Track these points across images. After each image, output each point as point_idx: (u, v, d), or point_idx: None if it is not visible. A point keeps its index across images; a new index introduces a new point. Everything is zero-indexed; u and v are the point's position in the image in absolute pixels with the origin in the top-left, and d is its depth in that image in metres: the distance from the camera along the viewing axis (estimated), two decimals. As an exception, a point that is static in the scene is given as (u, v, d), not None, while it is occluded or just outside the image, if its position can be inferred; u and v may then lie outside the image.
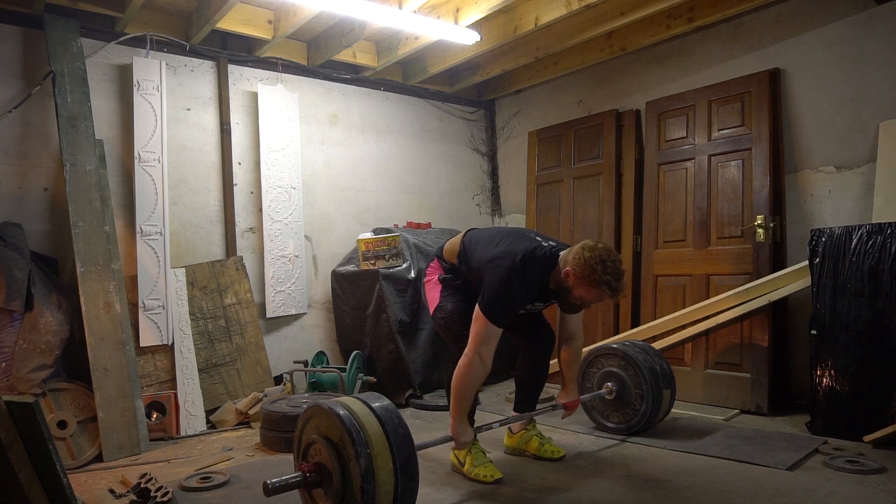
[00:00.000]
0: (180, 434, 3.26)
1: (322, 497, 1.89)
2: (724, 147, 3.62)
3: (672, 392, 2.94)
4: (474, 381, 2.28)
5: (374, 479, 1.74)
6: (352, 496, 1.78)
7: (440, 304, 2.56)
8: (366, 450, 1.75)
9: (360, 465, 1.73)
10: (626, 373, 2.90)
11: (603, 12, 3.59)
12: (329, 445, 1.83)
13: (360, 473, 1.73)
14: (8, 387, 2.70)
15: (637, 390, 2.86)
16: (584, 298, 2.25)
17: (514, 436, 2.75)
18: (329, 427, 1.86)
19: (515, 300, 2.30)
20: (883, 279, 2.72)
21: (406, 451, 1.83)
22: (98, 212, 3.10)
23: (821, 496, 2.13)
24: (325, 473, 1.85)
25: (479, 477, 2.34)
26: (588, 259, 2.15)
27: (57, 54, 3.15)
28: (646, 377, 2.81)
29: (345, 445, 1.79)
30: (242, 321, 3.70)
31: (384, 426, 1.83)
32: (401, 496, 1.80)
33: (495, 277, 2.26)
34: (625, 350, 2.93)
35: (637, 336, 3.81)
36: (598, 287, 2.16)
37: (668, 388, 2.91)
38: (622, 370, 2.92)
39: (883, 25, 3.15)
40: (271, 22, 3.73)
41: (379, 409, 1.88)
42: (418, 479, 1.87)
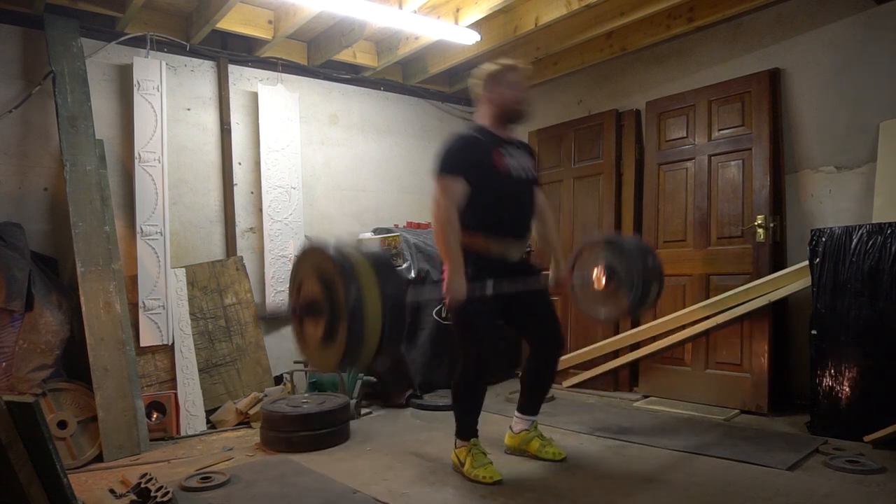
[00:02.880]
0: (180, 434, 3.26)
1: (311, 329, 1.91)
2: (724, 147, 3.62)
3: (660, 286, 2.86)
4: (447, 218, 2.30)
5: (362, 319, 1.75)
6: (337, 331, 1.78)
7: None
8: (356, 289, 1.76)
9: (348, 303, 1.73)
10: (617, 262, 2.81)
11: (603, 12, 3.59)
12: (320, 281, 1.84)
13: (347, 308, 1.73)
14: (8, 387, 2.70)
15: (627, 278, 2.79)
16: (510, 94, 2.45)
17: (515, 436, 2.74)
18: (322, 264, 1.87)
19: (468, 146, 2.38)
20: (883, 279, 2.72)
21: (396, 297, 1.84)
22: (98, 212, 3.09)
23: (821, 496, 2.13)
24: (315, 307, 1.86)
25: (479, 478, 2.34)
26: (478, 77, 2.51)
27: (57, 54, 3.15)
28: (637, 267, 2.73)
29: (335, 282, 1.79)
30: (242, 321, 3.70)
31: (376, 268, 1.83)
32: (388, 337, 1.81)
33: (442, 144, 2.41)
34: (618, 241, 2.88)
35: (637, 336, 3.82)
36: (501, 75, 2.44)
37: (657, 281, 2.83)
38: (614, 260, 2.83)
39: (883, 25, 3.15)
40: (271, 22, 3.73)
41: (371, 255, 1.89)
42: (405, 326, 1.89)
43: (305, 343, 1.97)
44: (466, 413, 2.51)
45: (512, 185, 2.46)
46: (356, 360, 1.84)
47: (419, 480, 2.43)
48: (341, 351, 1.79)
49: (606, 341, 3.98)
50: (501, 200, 2.43)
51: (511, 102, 2.46)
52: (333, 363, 1.86)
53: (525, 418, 2.73)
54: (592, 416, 3.32)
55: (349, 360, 1.83)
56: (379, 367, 1.91)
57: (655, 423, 3.16)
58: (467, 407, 2.51)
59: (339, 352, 1.80)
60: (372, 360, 1.87)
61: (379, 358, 1.88)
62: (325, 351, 1.87)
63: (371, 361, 1.89)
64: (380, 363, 1.93)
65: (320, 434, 2.88)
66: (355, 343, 1.77)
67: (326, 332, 1.82)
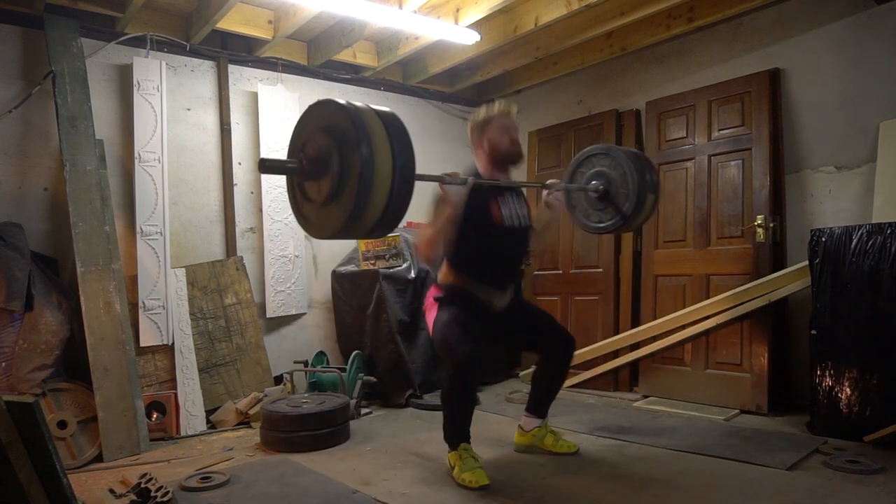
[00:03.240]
0: (180, 434, 3.26)
1: (315, 189, 1.85)
2: (724, 147, 3.62)
3: (655, 198, 2.87)
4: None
5: (374, 168, 1.70)
6: (348, 181, 1.73)
7: (437, 317, 2.49)
8: (367, 137, 1.71)
9: (361, 150, 1.68)
10: (614, 172, 2.82)
11: (603, 12, 3.59)
12: (329, 134, 1.79)
13: (359, 160, 1.68)
14: (8, 387, 2.70)
15: (623, 190, 2.78)
16: (499, 138, 2.50)
17: (526, 434, 2.75)
18: (332, 118, 1.82)
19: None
20: (883, 279, 2.71)
21: (406, 156, 1.79)
22: (98, 212, 3.09)
23: (821, 496, 2.13)
24: (323, 162, 1.80)
25: (465, 482, 2.32)
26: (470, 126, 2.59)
27: (57, 54, 3.15)
28: (633, 177, 2.74)
29: (347, 133, 1.74)
30: (242, 321, 3.70)
31: (387, 127, 1.79)
32: (395, 195, 1.77)
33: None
34: (616, 151, 2.87)
35: (637, 336, 3.82)
36: (489, 122, 2.51)
37: (653, 193, 2.85)
38: (611, 170, 2.84)
39: (883, 25, 3.15)
40: (271, 22, 3.73)
41: (383, 113, 1.85)
42: (412, 189, 1.83)
43: (308, 206, 1.90)
44: (454, 421, 2.46)
45: (505, 236, 2.49)
46: (360, 221, 1.76)
47: (419, 480, 2.43)
48: (348, 210, 1.72)
49: (606, 341, 3.98)
50: (493, 252, 2.48)
51: (502, 146, 2.51)
52: (337, 224, 1.78)
53: (532, 419, 2.74)
54: (592, 416, 3.32)
55: (353, 220, 1.74)
56: (376, 235, 1.85)
57: (655, 423, 3.16)
58: (457, 417, 2.46)
59: (344, 211, 1.73)
60: (373, 226, 1.81)
61: (379, 226, 1.82)
62: (328, 211, 1.81)
63: (372, 228, 1.82)
64: (378, 232, 1.87)
65: (320, 434, 2.89)
66: (363, 201, 1.70)
67: (334, 188, 1.76)
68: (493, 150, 2.52)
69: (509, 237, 2.51)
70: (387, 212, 1.79)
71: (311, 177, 1.87)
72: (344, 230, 1.81)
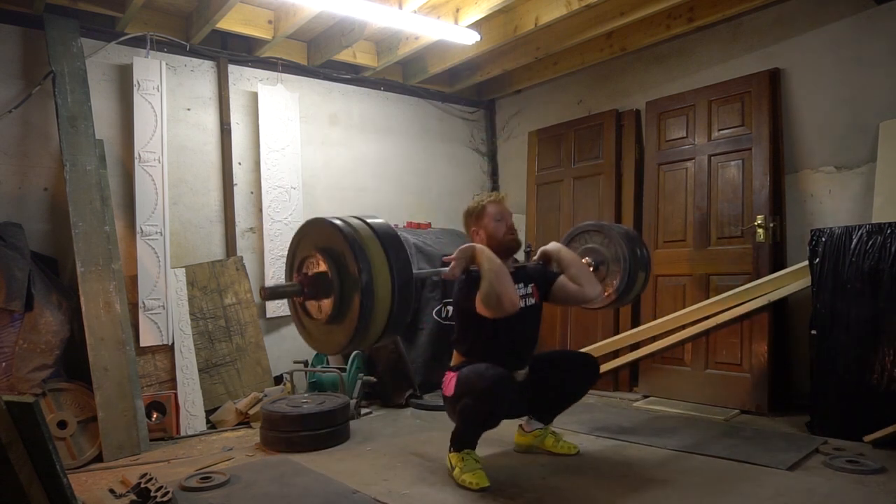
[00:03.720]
0: (180, 434, 3.26)
1: (316, 308, 1.87)
2: (724, 147, 3.62)
3: (646, 276, 2.91)
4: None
5: (374, 294, 1.72)
6: (350, 307, 1.75)
7: (459, 375, 2.36)
8: (367, 265, 1.73)
9: (361, 279, 1.70)
10: (606, 249, 2.87)
11: (603, 12, 3.59)
12: (328, 257, 1.80)
13: (360, 287, 1.70)
14: (8, 387, 2.70)
15: (614, 267, 2.82)
16: (495, 227, 2.50)
17: (526, 435, 2.75)
18: (329, 240, 1.83)
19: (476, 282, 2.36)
20: (883, 279, 2.71)
21: (405, 274, 1.81)
22: (98, 212, 3.09)
23: (821, 496, 2.13)
24: (323, 284, 1.81)
25: (466, 483, 2.31)
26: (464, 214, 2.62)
27: (57, 54, 3.15)
28: (625, 256, 2.78)
29: (346, 257, 1.75)
30: (242, 321, 3.70)
31: (384, 247, 1.81)
32: (396, 315, 1.79)
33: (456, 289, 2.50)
34: (609, 228, 2.92)
35: (637, 336, 3.82)
36: (483, 210, 2.52)
37: (644, 271, 2.88)
38: (603, 247, 2.88)
39: (883, 25, 3.15)
40: (271, 22, 3.73)
41: (379, 228, 1.86)
42: (412, 304, 1.87)
43: (310, 322, 1.92)
44: (469, 434, 2.41)
45: (517, 321, 2.43)
46: (365, 338, 1.78)
47: (419, 480, 2.43)
48: (351, 329, 1.74)
49: (606, 341, 3.98)
50: (504, 338, 2.46)
51: (499, 236, 2.51)
52: (341, 343, 1.81)
53: (538, 423, 2.75)
54: (592, 416, 3.32)
55: (358, 339, 1.76)
56: (382, 344, 1.89)
57: (655, 423, 3.16)
58: (472, 432, 2.41)
59: (348, 330, 1.75)
60: (377, 340, 1.83)
61: (384, 337, 1.85)
62: (332, 330, 1.83)
63: (375, 341, 1.84)
64: (383, 341, 1.90)
65: (320, 434, 2.89)
66: (366, 321, 1.72)
67: (336, 310, 1.77)
68: (490, 240, 2.50)
69: (520, 320, 2.44)
70: (388, 328, 1.82)
71: (311, 297, 1.88)
72: (348, 348, 1.84)
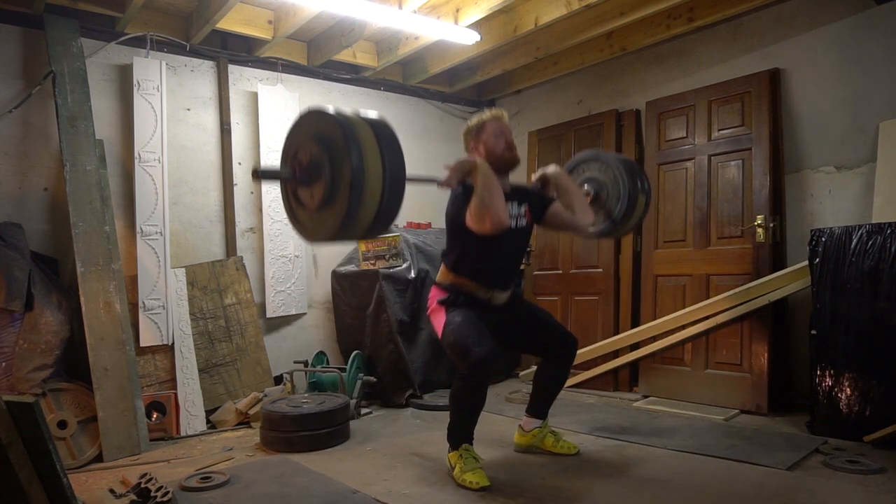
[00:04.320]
0: (180, 434, 3.26)
1: (308, 196, 1.91)
2: (724, 147, 3.62)
3: (647, 201, 2.88)
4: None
5: (364, 177, 1.75)
6: (339, 191, 1.79)
7: (447, 321, 2.45)
8: (358, 147, 1.77)
9: (351, 159, 1.74)
10: (605, 176, 2.85)
11: (603, 12, 3.59)
12: (320, 143, 1.84)
13: (350, 167, 1.74)
14: (8, 387, 2.70)
15: (613, 193, 2.80)
16: (494, 142, 2.49)
17: (526, 434, 2.75)
18: (322, 127, 1.87)
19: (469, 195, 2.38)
20: (883, 279, 2.71)
21: (396, 162, 1.84)
22: (98, 212, 3.10)
23: (821, 496, 2.13)
24: (315, 169, 1.85)
25: (466, 483, 2.32)
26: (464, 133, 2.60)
27: (57, 54, 3.16)
28: (624, 181, 2.77)
29: (337, 141, 1.79)
30: (242, 321, 3.70)
31: (377, 135, 1.84)
32: (386, 201, 1.82)
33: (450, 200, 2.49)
34: (606, 156, 2.90)
35: (637, 336, 3.82)
36: (483, 126, 2.51)
37: (644, 195, 2.86)
38: (602, 174, 2.86)
39: (883, 25, 3.15)
40: (271, 22, 3.73)
41: (372, 121, 1.89)
42: (403, 194, 1.89)
43: (303, 212, 1.96)
44: (463, 423, 2.45)
45: (504, 238, 2.44)
46: (355, 224, 1.82)
47: (419, 480, 2.43)
48: (340, 216, 1.78)
49: (606, 341, 3.98)
50: (491, 254, 2.47)
51: (498, 151, 2.50)
52: (332, 227, 1.84)
53: (535, 419, 2.75)
54: (592, 416, 3.32)
55: (347, 223, 1.80)
56: (370, 237, 1.91)
57: (655, 423, 3.16)
58: (465, 420, 2.45)
59: (337, 216, 1.80)
60: (367, 229, 1.87)
61: (372, 230, 1.88)
62: (322, 218, 1.87)
63: (366, 231, 1.88)
64: (372, 234, 1.93)
65: (320, 434, 2.89)
66: (356, 205, 1.76)
67: (326, 195, 1.82)
68: (489, 155, 2.49)
69: (508, 239, 2.49)
70: (378, 217, 1.84)
71: (303, 183, 1.92)
72: (337, 234, 1.87)
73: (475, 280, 2.51)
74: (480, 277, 2.51)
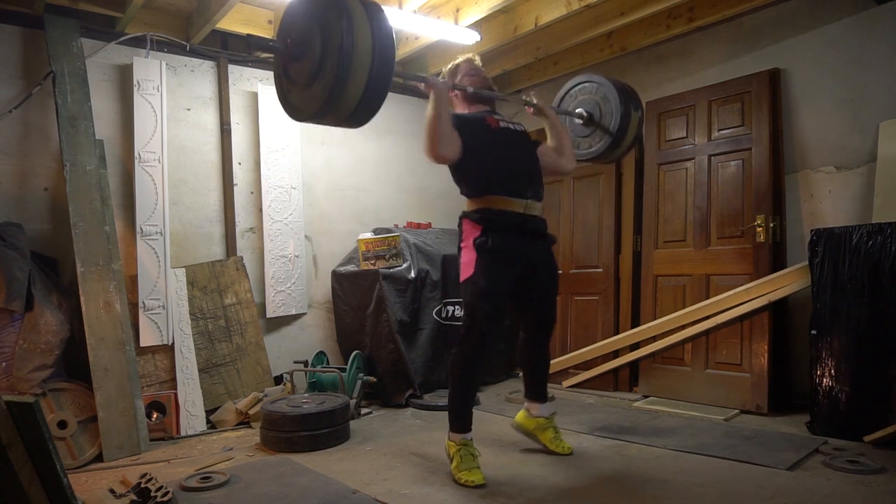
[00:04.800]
0: (180, 434, 3.26)
1: (299, 71, 1.93)
2: (724, 147, 3.62)
3: (641, 115, 2.87)
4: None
5: (354, 42, 1.78)
6: (329, 55, 1.81)
7: (473, 273, 2.40)
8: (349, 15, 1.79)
9: (340, 26, 1.77)
10: (597, 96, 2.87)
11: (603, 12, 3.59)
12: (312, 17, 1.87)
13: (340, 33, 1.76)
14: (8, 387, 2.70)
15: (606, 109, 2.81)
16: (469, 81, 2.62)
17: (531, 418, 2.74)
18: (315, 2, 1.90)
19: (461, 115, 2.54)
20: (883, 279, 2.72)
21: (385, 36, 1.87)
22: (98, 212, 3.10)
23: (821, 496, 2.13)
24: (307, 43, 1.88)
25: (462, 480, 2.33)
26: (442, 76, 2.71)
27: (57, 54, 3.15)
28: (615, 95, 2.79)
29: (329, 13, 1.82)
30: (242, 321, 3.71)
31: (367, 10, 1.86)
32: (375, 74, 1.84)
33: None
34: (595, 75, 2.92)
35: (637, 336, 3.82)
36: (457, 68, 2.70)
37: (637, 110, 2.86)
38: (594, 94, 2.89)
39: (883, 25, 3.15)
40: (271, 22, 3.73)
41: (365, 1, 1.90)
42: (392, 71, 1.92)
43: (293, 89, 1.98)
44: (460, 398, 2.47)
45: (507, 140, 2.54)
46: (341, 99, 1.83)
47: (419, 480, 2.43)
48: (329, 85, 1.80)
49: (606, 341, 3.98)
50: (503, 158, 2.49)
51: (476, 84, 2.62)
52: (321, 98, 1.85)
53: (538, 405, 2.73)
54: (592, 416, 3.32)
55: (334, 98, 1.82)
56: (357, 119, 1.97)
57: (655, 423, 3.16)
58: (462, 391, 2.47)
59: (326, 86, 1.82)
60: (354, 107, 1.88)
61: (360, 108, 1.89)
62: (312, 92, 1.89)
63: (354, 108, 1.89)
64: (359, 115, 1.94)
65: (320, 434, 2.89)
66: (343, 75, 1.78)
67: (315, 65, 1.84)
68: (465, 94, 2.61)
69: (511, 141, 2.55)
70: (367, 91, 1.86)
71: (295, 58, 1.94)
72: (325, 107, 1.87)
73: (504, 192, 2.45)
74: (507, 186, 2.46)
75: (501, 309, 2.43)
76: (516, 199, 2.46)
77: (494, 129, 2.53)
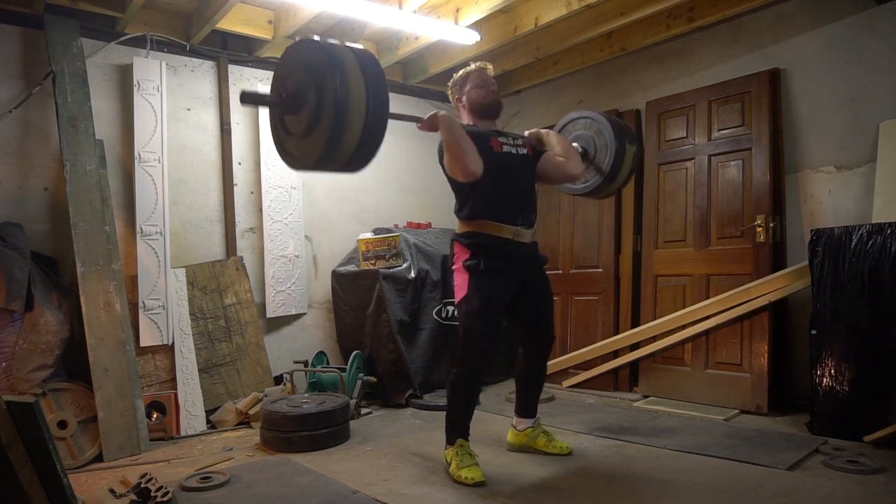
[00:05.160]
0: (180, 434, 3.26)
1: (295, 123, 1.96)
2: (724, 147, 3.62)
3: (638, 149, 2.87)
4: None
5: (348, 96, 1.81)
6: (325, 109, 1.84)
7: (467, 294, 2.44)
8: (342, 69, 1.82)
9: (334, 81, 1.80)
10: (591, 131, 2.87)
11: (603, 12, 3.59)
12: (307, 71, 1.90)
13: (334, 89, 1.79)
14: (8, 387, 2.70)
15: (602, 143, 2.81)
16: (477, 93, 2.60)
17: (519, 434, 2.75)
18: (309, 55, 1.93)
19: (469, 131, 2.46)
20: (883, 279, 2.71)
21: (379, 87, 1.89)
22: (98, 212, 3.10)
23: (821, 496, 2.13)
24: (302, 95, 1.90)
25: (461, 479, 2.34)
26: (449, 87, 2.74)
27: (57, 54, 3.15)
28: (609, 131, 2.79)
29: (323, 67, 1.85)
30: (242, 321, 3.71)
31: (360, 62, 1.89)
32: (370, 123, 1.87)
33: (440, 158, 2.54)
34: (590, 112, 2.93)
35: (637, 336, 3.82)
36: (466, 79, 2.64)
37: (632, 144, 2.85)
38: (588, 130, 2.89)
39: (883, 25, 3.15)
40: (271, 22, 3.73)
41: (357, 50, 1.93)
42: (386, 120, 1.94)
43: (289, 139, 2.00)
44: (458, 416, 2.50)
45: (507, 164, 2.51)
46: (338, 146, 1.85)
47: (419, 480, 2.43)
48: (325, 137, 1.83)
49: (606, 341, 3.98)
50: (501, 185, 2.47)
51: (482, 98, 2.59)
52: (318, 150, 1.88)
53: (524, 420, 2.75)
54: (592, 416, 3.32)
55: (331, 146, 1.84)
56: (355, 166, 1.99)
57: (655, 423, 3.16)
58: (460, 409, 2.51)
59: (322, 138, 1.84)
60: (351, 155, 1.90)
61: (357, 156, 1.91)
62: (308, 142, 1.91)
63: (350, 157, 1.91)
64: (356, 163, 1.96)
65: (320, 434, 2.89)
66: (340, 128, 1.81)
67: (311, 118, 1.87)
68: (473, 105, 2.60)
69: (511, 166, 2.52)
70: (363, 140, 1.89)
71: (290, 110, 1.96)
72: (322, 158, 1.90)
73: (495, 218, 2.47)
74: (498, 212, 2.47)
75: (496, 328, 2.43)
76: (506, 224, 2.48)
77: (497, 152, 2.49)
